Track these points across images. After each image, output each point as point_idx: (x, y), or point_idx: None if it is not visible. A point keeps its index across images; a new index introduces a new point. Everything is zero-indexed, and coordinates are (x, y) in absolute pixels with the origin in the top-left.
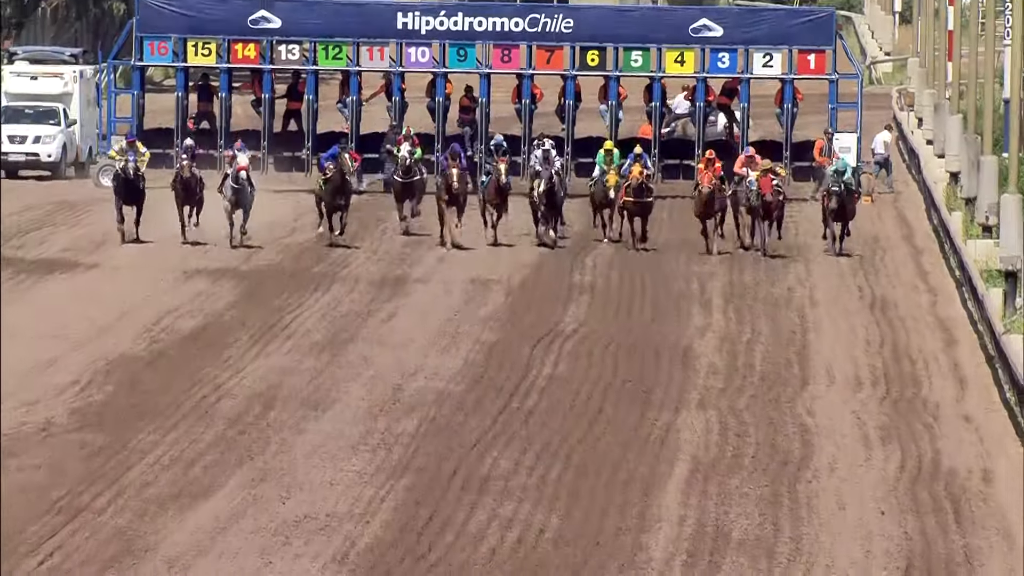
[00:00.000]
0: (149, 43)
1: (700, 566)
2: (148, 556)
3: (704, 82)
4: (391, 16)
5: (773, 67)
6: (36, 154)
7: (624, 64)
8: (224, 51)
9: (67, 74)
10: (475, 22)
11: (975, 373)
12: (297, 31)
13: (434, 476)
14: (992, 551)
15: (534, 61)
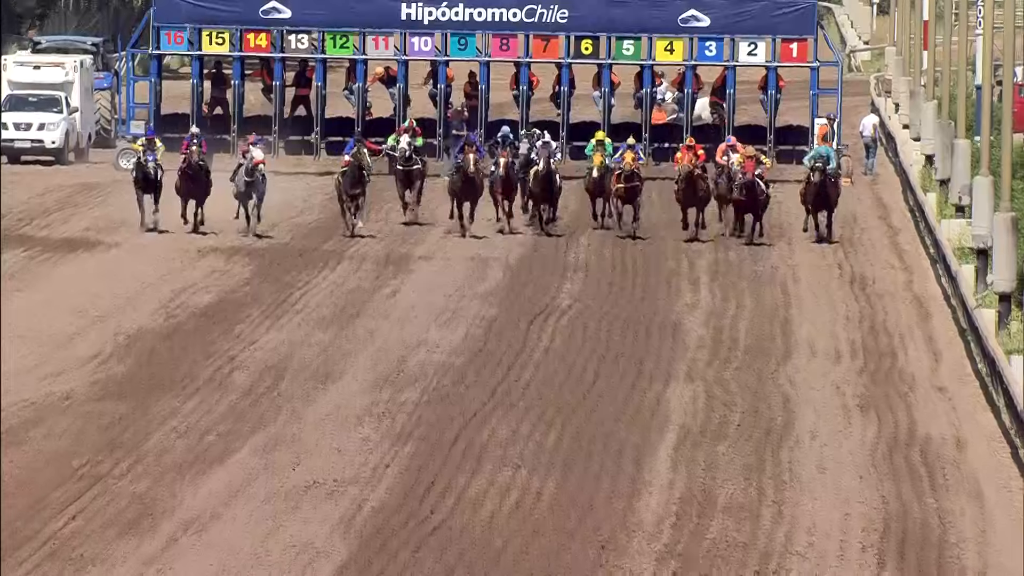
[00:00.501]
0: (166, 33)
1: (688, 529)
2: (165, 520)
3: (693, 70)
4: (395, 7)
5: (757, 55)
6: (41, 140)
7: (616, 52)
8: (237, 40)
9: (68, 64)
10: (475, 12)
11: (948, 346)
12: (306, 21)
13: (436, 444)
14: (964, 514)
15: (531, 50)
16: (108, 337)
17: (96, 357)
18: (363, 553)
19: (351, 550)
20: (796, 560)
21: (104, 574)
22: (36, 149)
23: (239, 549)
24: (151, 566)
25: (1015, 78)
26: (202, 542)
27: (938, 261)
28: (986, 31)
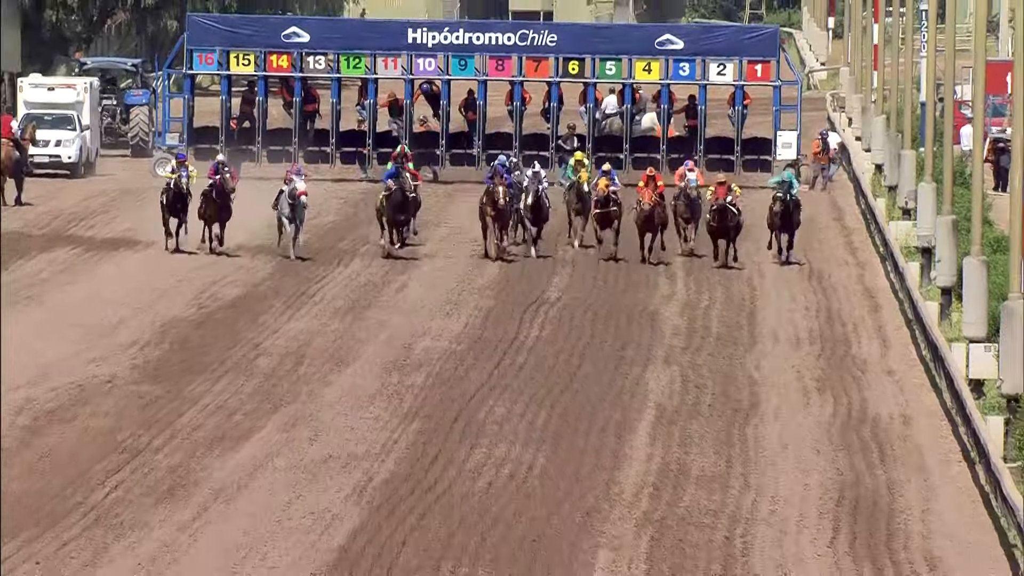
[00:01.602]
0: (198, 54)
1: (664, 497)
2: (196, 489)
3: (668, 88)
4: (403, 31)
5: (726, 75)
6: (58, 156)
7: (600, 72)
8: (261, 61)
9: (79, 85)
10: (474, 36)
11: (896, 334)
12: (323, 44)
13: (439, 422)
14: (910, 483)
15: (524, 70)
16: (146, 326)
17: (136, 344)
18: (374, 518)
19: (363, 516)
20: (761, 526)
21: (142, 539)
22: (53, 164)
23: (263, 516)
24: (184, 531)
25: (955, 95)
26: (230, 509)
27: (887, 258)
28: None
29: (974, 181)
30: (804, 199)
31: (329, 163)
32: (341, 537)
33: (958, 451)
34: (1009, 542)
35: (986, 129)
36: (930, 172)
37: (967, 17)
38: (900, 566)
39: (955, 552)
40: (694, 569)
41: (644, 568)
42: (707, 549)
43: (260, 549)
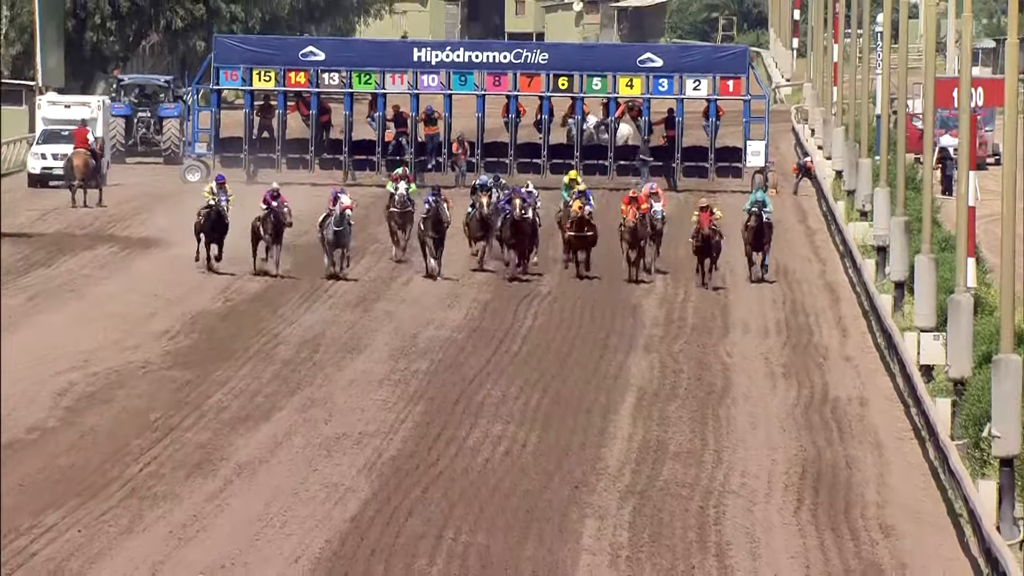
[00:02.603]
0: (224, 72)
1: (645, 472)
2: (223, 464)
3: (649, 103)
4: (409, 51)
5: (701, 90)
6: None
7: (587, 87)
8: (281, 77)
9: (93, 102)
10: (473, 55)
11: (854, 324)
12: (337, 62)
13: (442, 403)
14: (866, 459)
15: (518, 85)
16: (177, 317)
17: (167, 333)
18: (383, 491)
19: (373, 488)
20: (732, 497)
21: (173, 508)
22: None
23: (283, 488)
24: (212, 502)
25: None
26: (253, 482)
27: (846, 256)
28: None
29: (924, 186)
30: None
31: (343, 169)
32: (353, 508)
33: (910, 430)
34: (955, 511)
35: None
36: (885, 178)
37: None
38: (857, 533)
39: (907, 520)
40: (672, 536)
41: (627, 535)
42: (683, 518)
43: (280, 518)
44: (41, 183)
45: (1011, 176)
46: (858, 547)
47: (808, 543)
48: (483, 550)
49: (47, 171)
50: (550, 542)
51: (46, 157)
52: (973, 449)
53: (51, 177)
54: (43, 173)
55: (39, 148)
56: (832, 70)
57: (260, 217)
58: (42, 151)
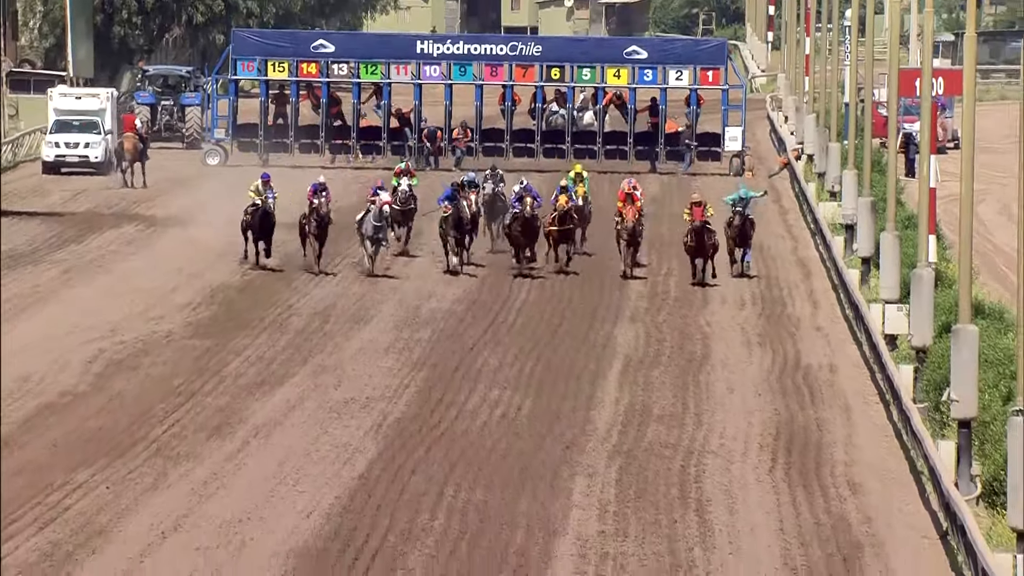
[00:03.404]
0: (241, 63)
1: (631, 433)
2: (240, 426)
3: (635, 92)
4: (412, 43)
5: (683, 80)
6: (86, 156)
7: (577, 78)
8: (294, 68)
9: (102, 95)
10: (472, 48)
11: (824, 296)
12: (346, 54)
13: (442, 370)
14: (835, 421)
15: (514, 75)
16: (198, 290)
17: (189, 305)
18: (388, 451)
19: (379, 448)
20: (711, 456)
21: (195, 467)
22: (82, 163)
23: (295, 448)
24: (230, 461)
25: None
26: (268, 443)
27: (816, 233)
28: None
29: (888, 169)
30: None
31: (349, 154)
32: (360, 466)
33: (875, 394)
34: (917, 469)
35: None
36: (852, 161)
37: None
38: (827, 489)
39: (873, 477)
40: (655, 492)
41: (614, 492)
42: (666, 476)
43: (293, 476)
44: (54, 170)
45: (969, 160)
46: (827, 503)
47: (781, 499)
48: (481, 505)
49: (60, 159)
50: (543, 498)
51: (59, 146)
52: (933, 412)
53: (64, 165)
54: (56, 161)
55: (52, 137)
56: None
57: (305, 214)
58: (55, 140)
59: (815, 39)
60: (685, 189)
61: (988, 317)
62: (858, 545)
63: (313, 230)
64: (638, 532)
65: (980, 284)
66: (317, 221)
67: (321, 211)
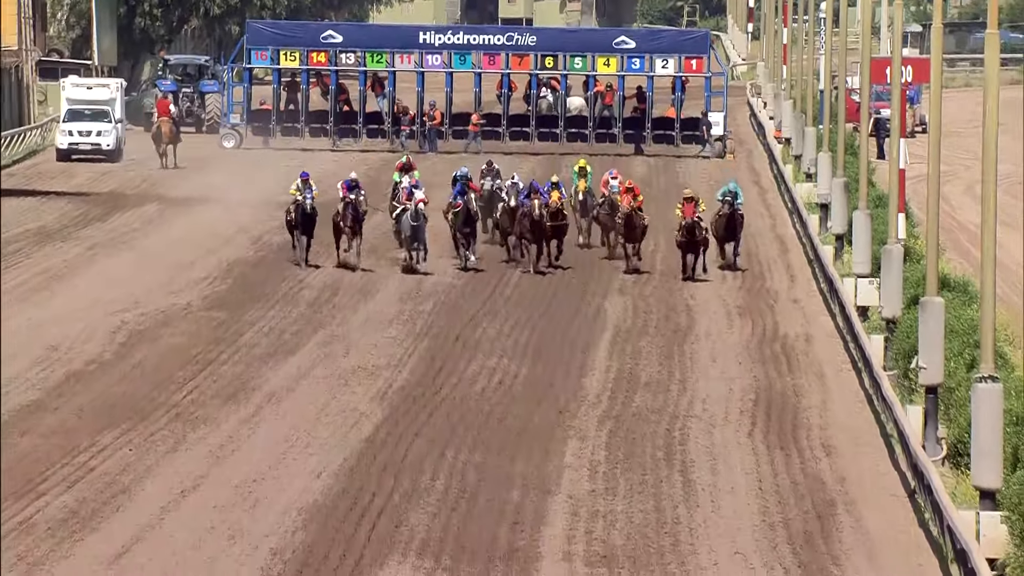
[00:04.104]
0: (255, 52)
1: (619, 399)
2: (254, 393)
3: (623, 79)
4: (415, 34)
5: (668, 68)
6: (99, 144)
7: (569, 66)
8: (304, 57)
9: (112, 85)
10: (471, 38)
11: (800, 271)
12: (353, 44)
13: (444, 340)
14: (811, 387)
15: (510, 64)
16: (215, 265)
17: (206, 279)
18: (393, 415)
19: (385, 413)
20: (694, 421)
21: (212, 431)
22: (94, 151)
23: (306, 413)
24: (245, 424)
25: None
26: (280, 408)
27: (793, 212)
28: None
29: (860, 151)
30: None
31: (356, 137)
32: (367, 430)
33: (848, 362)
34: (887, 432)
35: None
36: (827, 145)
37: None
38: (803, 451)
39: (846, 440)
40: (642, 454)
41: (604, 454)
42: (652, 439)
43: (303, 439)
44: (67, 158)
45: (936, 143)
46: (803, 463)
47: (760, 460)
48: (479, 466)
49: (73, 146)
50: (538, 459)
51: (72, 134)
52: (902, 379)
53: (76, 152)
54: (70, 148)
55: (65, 126)
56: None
57: (339, 210)
58: (68, 128)
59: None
60: (671, 170)
61: (953, 290)
62: (832, 503)
63: (349, 223)
64: (626, 491)
65: (946, 259)
66: (352, 215)
67: (357, 204)
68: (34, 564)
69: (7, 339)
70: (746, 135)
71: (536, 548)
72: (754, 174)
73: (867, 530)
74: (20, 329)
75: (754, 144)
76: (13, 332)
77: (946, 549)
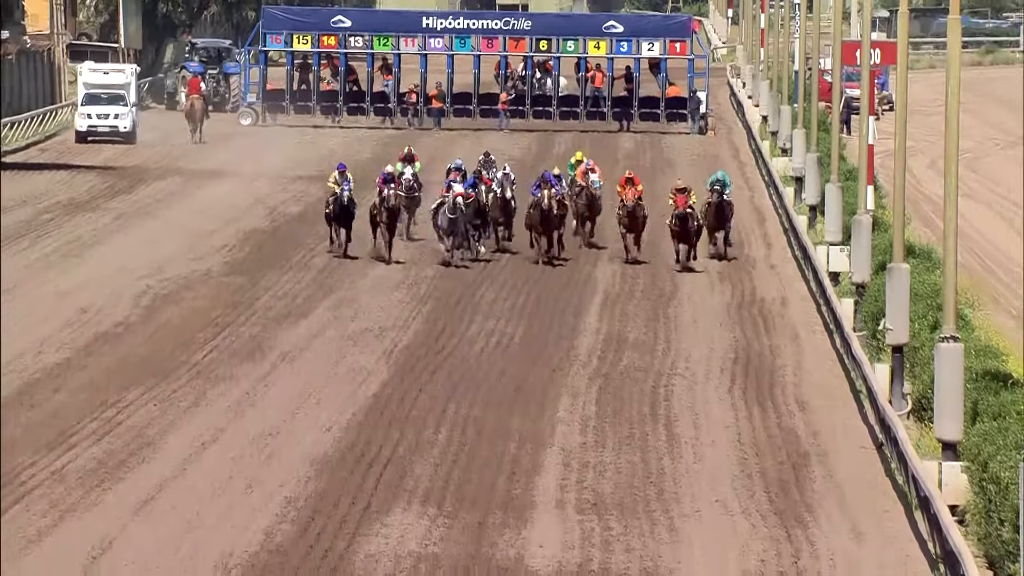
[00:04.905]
0: (270, 36)
1: (608, 358)
2: (269, 352)
3: (612, 61)
4: (419, 19)
5: (654, 50)
6: (116, 127)
7: (563, 49)
8: (315, 41)
9: (127, 70)
10: (471, 22)
11: (777, 239)
12: (361, 28)
13: (446, 303)
14: (786, 347)
15: (507, 47)
16: (233, 234)
17: (225, 247)
18: (398, 374)
19: (391, 372)
20: (678, 379)
21: (231, 388)
22: (112, 133)
23: (318, 371)
24: (261, 382)
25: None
26: (294, 367)
27: (770, 184)
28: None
29: (832, 128)
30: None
31: (364, 115)
32: (374, 387)
33: (820, 324)
34: (856, 389)
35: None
36: (801, 122)
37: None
38: (779, 406)
39: (818, 396)
40: (630, 410)
41: (594, 409)
42: (639, 395)
43: (315, 396)
44: (85, 140)
45: (902, 121)
46: (779, 418)
47: (739, 415)
48: (479, 421)
49: (92, 128)
50: (533, 415)
51: (91, 117)
52: (871, 339)
53: (94, 134)
54: (88, 130)
55: (84, 109)
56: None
57: (375, 204)
58: (87, 111)
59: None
60: (656, 146)
61: (918, 257)
62: (805, 454)
63: (385, 218)
64: (615, 444)
65: (911, 228)
66: (387, 211)
67: (391, 201)
68: (66, 511)
69: (40, 303)
70: (726, 113)
71: (531, 496)
72: (733, 149)
73: (838, 479)
74: (52, 294)
75: (734, 121)
76: (45, 296)
77: (911, 496)
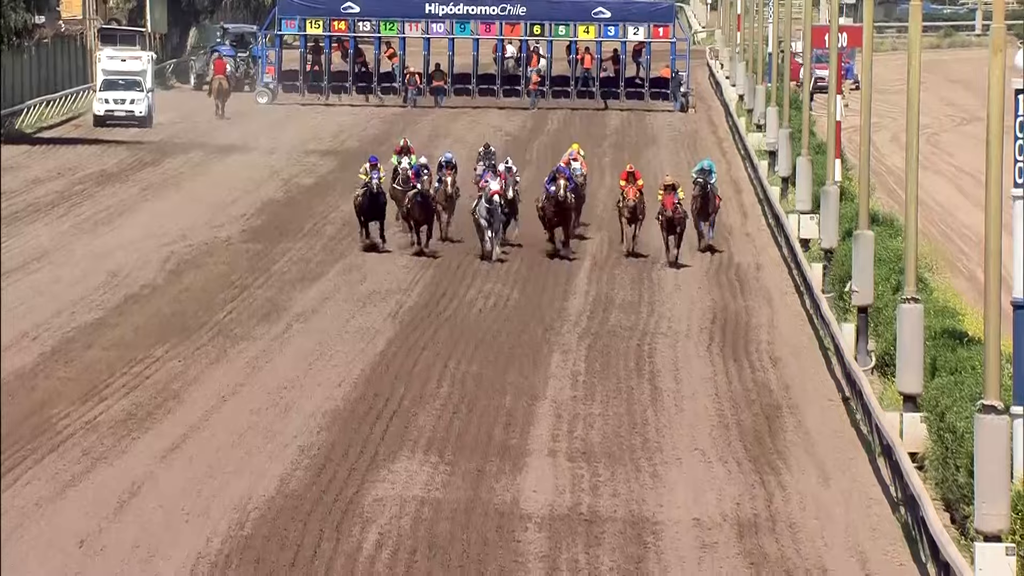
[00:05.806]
0: (285, 21)
1: (597, 317)
2: (284, 313)
3: (601, 44)
4: (422, 5)
5: (639, 34)
6: (132, 111)
7: (555, 33)
8: (327, 25)
9: (144, 57)
10: (470, 8)
11: (752, 209)
12: (369, 13)
13: (447, 268)
14: (760, 308)
15: (504, 31)
16: (250, 203)
17: (243, 215)
18: (403, 332)
19: (396, 331)
20: (660, 337)
21: (249, 346)
22: (128, 118)
23: (329, 330)
24: (276, 341)
25: (792, 48)
26: (307, 327)
27: (745, 157)
28: (775, 20)
29: (803, 106)
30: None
31: (372, 94)
32: (381, 345)
33: (792, 286)
34: (825, 347)
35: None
36: (775, 100)
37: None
38: (753, 362)
39: (789, 353)
40: (616, 365)
41: (583, 365)
42: (625, 352)
43: (327, 354)
44: (103, 124)
45: (867, 99)
46: (753, 373)
47: (716, 370)
48: (477, 376)
49: (109, 113)
50: (527, 370)
51: (108, 102)
52: (838, 300)
53: (111, 119)
54: (105, 115)
55: (102, 95)
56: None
57: (409, 197)
58: (105, 96)
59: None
60: (641, 122)
61: (882, 224)
62: (777, 406)
63: (417, 212)
64: (603, 397)
65: (876, 198)
66: (421, 202)
67: (425, 192)
68: (97, 458)
69: (76, 266)
70: (706, 92)
71: (525, 445)
72: (712, 125)
73: (807, 429)
74: (86, 257)
75: (712, 100)
76: (80, 259)
77: (874, 445)
